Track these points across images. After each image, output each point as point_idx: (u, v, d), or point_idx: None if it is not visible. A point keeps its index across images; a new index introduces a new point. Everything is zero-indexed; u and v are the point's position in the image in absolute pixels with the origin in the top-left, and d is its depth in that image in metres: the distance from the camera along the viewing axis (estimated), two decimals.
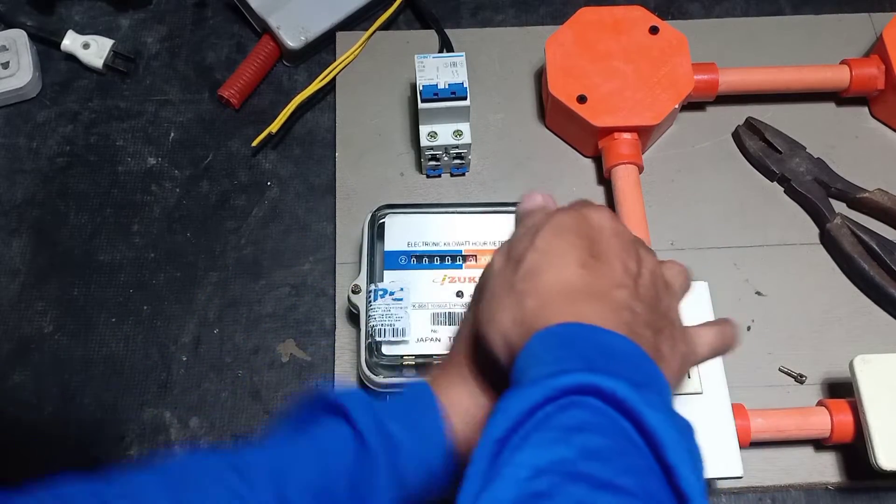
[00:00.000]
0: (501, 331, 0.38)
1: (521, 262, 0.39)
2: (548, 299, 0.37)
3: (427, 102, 0.59)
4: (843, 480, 0.55)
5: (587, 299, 0.37)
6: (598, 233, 0.40)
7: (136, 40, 0.71)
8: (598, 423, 0.32)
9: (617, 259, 0.39)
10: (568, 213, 0.41)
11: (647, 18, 0.65)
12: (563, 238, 0.39)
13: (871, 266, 0.60)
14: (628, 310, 0.37)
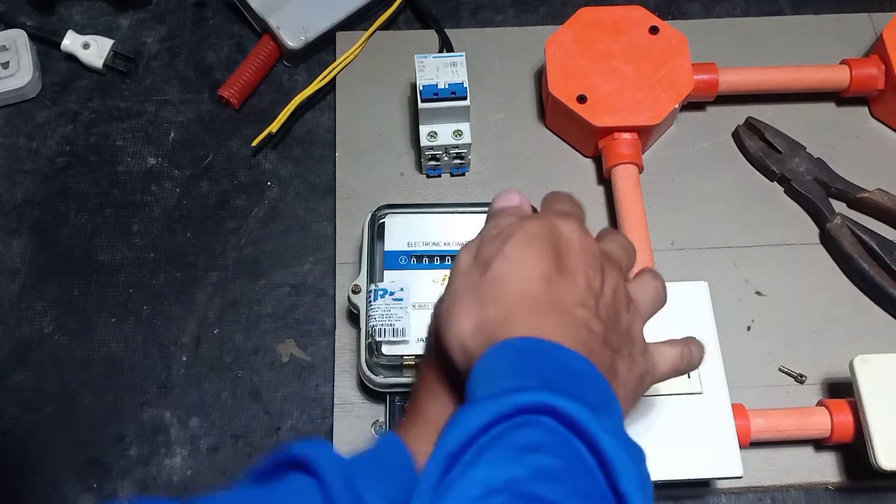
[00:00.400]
0: (459, 335, 0.38)
1: (489, 267, 0.39)
2: (510, 310, 0.37)
3: (427, 102, 0.59)
4: (843, 480, 0.55)
5: (548, 314, 0.37)
6: (567, 245, 0.40)
7: (136, 40, 0.71)
8: (552, 444, 0.31)
9: (581, 275, 0.39)
10: (540, 223, 0.41)
11: (647, 18, 0.65)
12: (533, 248, 0.39)
13: (871, 266, 0.60)
14: (587, 328, 0.37)
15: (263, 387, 0.59)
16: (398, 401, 0.54)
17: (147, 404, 0.58)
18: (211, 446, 0.57)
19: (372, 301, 0.55)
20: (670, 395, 0.51)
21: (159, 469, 0.56)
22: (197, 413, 0.58)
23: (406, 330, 0.54)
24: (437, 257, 0.57)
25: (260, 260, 0.63)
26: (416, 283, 0.56)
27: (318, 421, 0.58)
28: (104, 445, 0.57)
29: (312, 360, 0.60)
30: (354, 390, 0.58)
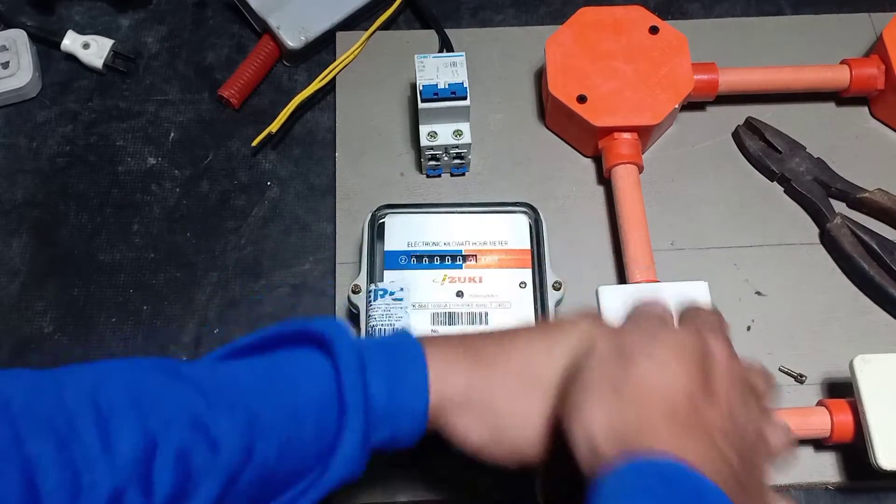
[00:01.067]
0: (589, 430, 0.35)
1: (634, 365, 0.36)
2: (651, 417, 0.35)
3: (427, 102, 0.59)
4: (843, 480, 0.55)
5: (690, 434, 0.35)
6: (716, 366, 0.38)
7: (136, 40, 0.71)
8: None
9: (726, 401, 0.37)
10: (693, 336, 0.38)
11: (647, 18, 0.65)
12: (683, 359, 0.37)
13: (871, 266, 0.60)
14: (726, 461, 0.35)
15: None
16: None
17: None
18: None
19: (372, 301, 0.55)
20: None
21: None
22: None
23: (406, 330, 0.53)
24: (436, 257, 0.57)
25: (260, 260, 0.63)
26: (416, 283, 0.56)
27: None
28: None
29: None
30: None
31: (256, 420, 0.35)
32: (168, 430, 0.33)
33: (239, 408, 0.35)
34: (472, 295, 0.56)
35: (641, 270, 0.58)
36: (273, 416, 0.36)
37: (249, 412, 0.35)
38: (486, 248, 0.57)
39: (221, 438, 0.34)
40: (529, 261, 0.57)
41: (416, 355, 0.40)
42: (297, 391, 0.37)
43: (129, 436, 0.32)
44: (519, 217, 0.58)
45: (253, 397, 0.36)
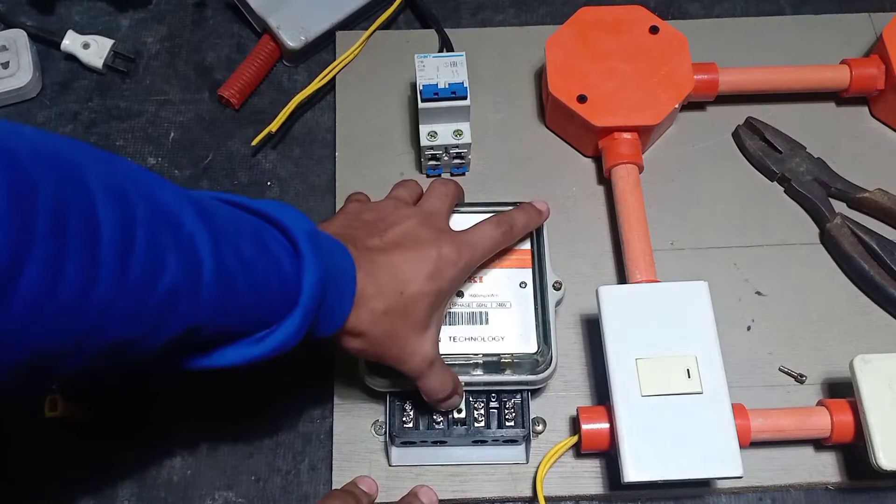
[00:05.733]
0: None
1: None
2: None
3: (427, 102, 0.59)
4: (843, 480, 0.55)
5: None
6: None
7: (136, 40, 0.71)
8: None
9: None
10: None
11: (647, 18, 0.65)
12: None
13: (871, 266, 0.60)
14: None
15: (263, 387, 0.59)
16: (398, 401, 0.54)
17: (147, 404, 0.58)
18: (211, 446, 0.57)
19: None
20: (670, 395, 0.51)
21: (159, 469, 0.56)
22: (197, 413, 0.58)
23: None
24: None
25: None
26: None
27: (318, 421, 0.58)
28: (104, 445, 0.57)
29: (312, 360, 0.60)
30: (354, 390, 0.58)
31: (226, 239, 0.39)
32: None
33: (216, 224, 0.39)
34: (472, 295, 0.56)
35: (641, 270, 0.58)
36: (243, 250, 0.39)
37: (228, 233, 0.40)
38: None
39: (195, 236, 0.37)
40: (529, 261, 0.57)
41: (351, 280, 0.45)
42: (267, 247, 0.41)
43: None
44: None
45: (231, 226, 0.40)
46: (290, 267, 0.41)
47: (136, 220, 0.33)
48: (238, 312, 0.39)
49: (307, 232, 0.42)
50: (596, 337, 0.56)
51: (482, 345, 0.54)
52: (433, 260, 0.48)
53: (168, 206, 0.36)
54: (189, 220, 0.36)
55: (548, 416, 0.57)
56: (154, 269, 0.34)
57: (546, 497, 0.53)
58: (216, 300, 0.37)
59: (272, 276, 0.40)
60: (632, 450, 0.50)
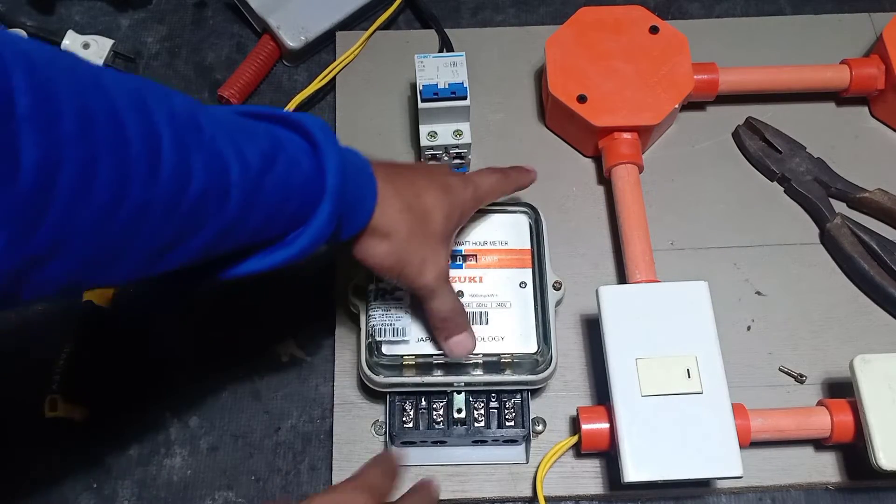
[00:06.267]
0: None
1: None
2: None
3: (427, 102, 0.59)
4: (843, 480, 0.55)
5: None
6: None
7: (136, 40, 0.71)
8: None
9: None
10: None
11: (647, 18, 0.65)
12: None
13: (871, 266, 0.60)
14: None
15: (263, 387, 0.59)
16: (398, 401, 0.54)
17: (147, 404, 0.58)
18: (211, 446, 0.57)
19: (372, 301, 0.55)
20: (670, 395, 0.51)
21: (159, 469, 0.56)
22: (197, 413, 0.58)
23: (406, 330, 0.54)
24: None
25: None
26: None
27: (318, 421, 0.58)
28: (104, 445, 0.57)
29: (312, 360, 0.60)
30: (354, 390, 0.58)
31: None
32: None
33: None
34: (472, 295, 0.56)
35: (641, 270, 0.58)
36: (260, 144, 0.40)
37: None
38: (486, 247, 0.57)
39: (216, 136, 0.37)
40: (529, 261, 0.57)
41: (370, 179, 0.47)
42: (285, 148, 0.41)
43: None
44: (519, 217, 0.58)
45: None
46: (311, 160, 0.42)
47: (158, 122, 0.33)
48: (268, 211, 0.40)
49: (321, 125, 0.43)
50: (596, 337, 0.56)
51: (482, 345, 0.54)
52: (443, 180, 0.51)
53: (186, 111, 0.36)
54: (206, 123, 0.37)
55: (548, 416, 0.57)
56: (183, 169, 0.34)
57: (546, 497, 0.53)
58: (245, 200, 0.37)
59: (295, 170, 0.40)
60: (632, 450, 0.50)
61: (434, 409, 0.54)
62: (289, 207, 0.41)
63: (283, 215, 0.41)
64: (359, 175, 0.45)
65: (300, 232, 0.42)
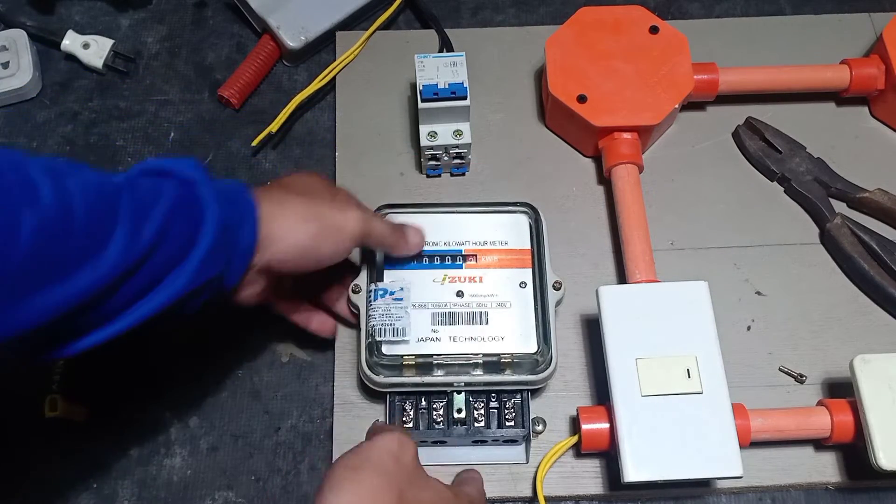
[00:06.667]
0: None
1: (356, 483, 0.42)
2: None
3: (427, 102, 0.59)
4: (843, 480, 0.55)
5: None
6: None
7: (136, 40, 0.71)
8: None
9: None
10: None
11: (647, 18, 0.65)
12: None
13: (871, 266, 0.60)
14: None
15: (263, 387, 0.59)
16: (398, 401, 0.54)
17: (147, 404, 0.58)
18: (211, 446, 0.57)
19: (372, 301, 0.55)
20: (670, 395, 0.51)
21: (159, 469, 0.56)
22: (197, 413, 0.58)
23: (406, 330, 0.54)
24: (437, 257, 0.57)
25: None
26: (417, 282, 0.56)
27: (318, 421, 0.58)
28: (104, 445, 0.57)
29: (312, 360, 0.60)
30: (354, 390, 0.58)
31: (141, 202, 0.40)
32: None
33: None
34: (472, 295, 0.56)
35: (641, 270, 0.58)
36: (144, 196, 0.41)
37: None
38: (486, 247, 0.57)
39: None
40: (529, 261, 0.57)
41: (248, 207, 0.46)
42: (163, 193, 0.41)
43: None
44: (519, 217, 0.58)
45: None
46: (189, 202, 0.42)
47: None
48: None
49: (193, 166, 0.44)
50: (596, 337, 0.56)
51: (482, 345, 0.54)
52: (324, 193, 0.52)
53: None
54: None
55: (548, 416, 0.57)
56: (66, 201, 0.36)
57: (546, 497, 0.53)
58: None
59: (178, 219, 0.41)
60: (632, 450, 0.50)
61: (434, 409, 0.54)
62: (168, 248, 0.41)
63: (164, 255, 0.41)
64: (235, 197, 0.45)
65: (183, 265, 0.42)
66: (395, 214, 0.58)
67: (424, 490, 0.44)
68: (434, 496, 0.45)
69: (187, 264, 0.41)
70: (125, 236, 0.38)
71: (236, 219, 0.44)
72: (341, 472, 0.42)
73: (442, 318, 0.55)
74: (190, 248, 0.41)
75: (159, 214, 0.40)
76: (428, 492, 0.44)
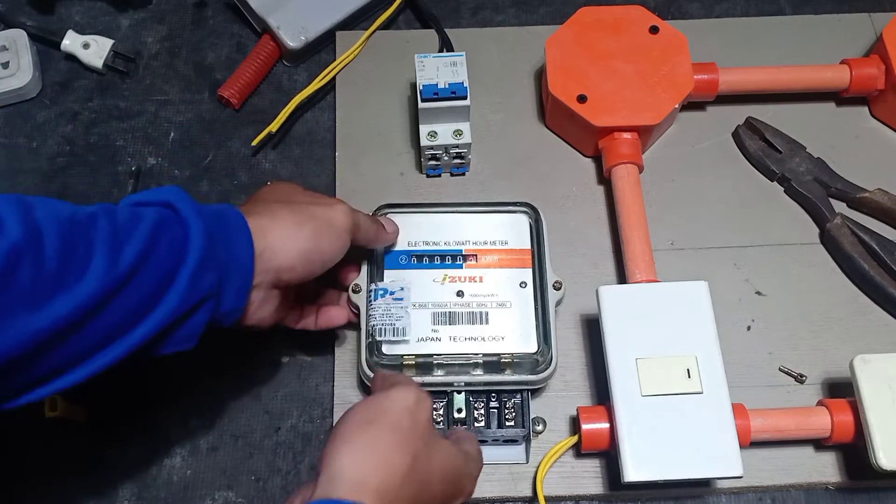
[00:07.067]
0: (338, 467, 0.40)
1: (373, 436, 0.41)
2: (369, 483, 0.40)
3: (427, 102, 0.59)
4: (843, 480, 0.55)
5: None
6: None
7: (136, 40, 0.71)
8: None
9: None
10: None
11: (647, 18, 0.65)
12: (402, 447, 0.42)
13: (871, 266, 0.60)
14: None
15: (263, 387, 0.59)
16: None
17: (147, 404, 0.58)
18: (211, 446, 0.57)
19: (372, 301, 0.55)
20: (670, 395, 0.51)
21: (159, 469, 0.56)
22: (197, 413, 0.58)
23: (406, 329, 0.54)
24: (437, 257, 0.57)
25: None
26: (417, 282, 0.56)
27: (318, 421, 0.58)
28: (104, 445, 0.57)
29: (312, 360, 0.60)
30: (354, 390, 0.58)
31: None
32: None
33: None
34: (473, 294, 0.56)
35: (641, 270, 0.58)
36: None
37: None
38: (486, 247, 0.57)
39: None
40: (529, 261, 0.57)
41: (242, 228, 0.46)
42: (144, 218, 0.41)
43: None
44: (519, 217, 0.58)
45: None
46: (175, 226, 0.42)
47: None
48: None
49: (176, 192, 0.44)
50: (596, 337, 0.56)
51: (482, 345, 0.54)
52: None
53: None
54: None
55: (548, 416, 0.57)
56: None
57: (546, 497, 0.53)
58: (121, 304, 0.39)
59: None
60: (632, 450, 0.50)
61: (434, 408, 0.54)
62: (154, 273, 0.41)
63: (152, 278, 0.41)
64: (221, 215, 0.45)
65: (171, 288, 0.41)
66: (395, 214, 0.58)
67: (437, 452, 0.43)
68: (445, 460, 0.43)
69: (178, 282, 0.41)
70: (104, 259, 0.38)
71: (226, 236, 0.44)
72: (355, 425, 0.41)
73: (442, 317, 0.55)
74: (178, 265, 0.41)
75: (141, 235, 0.40)
76: (440, 454, 0.43)
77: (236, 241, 0.44)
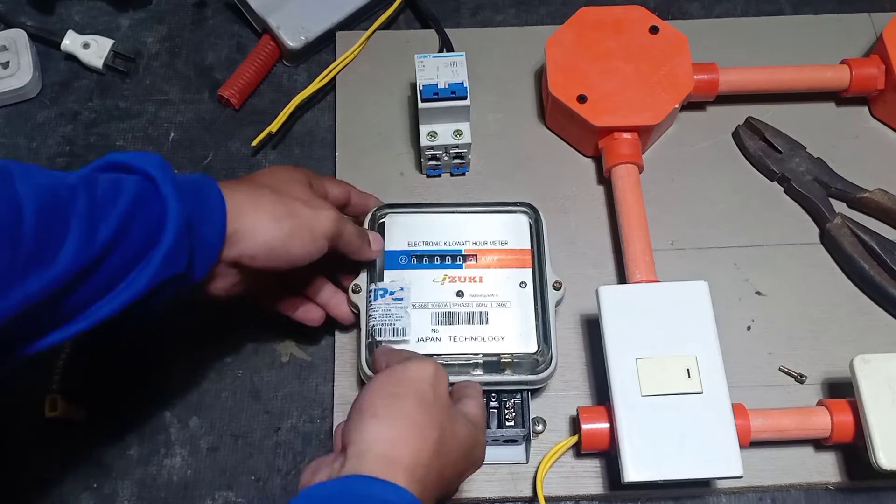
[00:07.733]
0: (367, 441, 0.40)
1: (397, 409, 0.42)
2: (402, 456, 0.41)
3: (427, 102, 0.59)
4: (843, 480, 0.55)
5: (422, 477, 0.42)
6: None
7: (136, 40, 0.71)
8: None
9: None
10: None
11: (647, 18, 0.65)
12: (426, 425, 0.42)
13: (871, 266, 0.60)
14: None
15: (263, 387, 0.59)
16: None
17: (147, 404, 0.58)
18: (211, 446, 0.57)
19: (372, 301, 0.55)
20: (670, 395, 0.51)
21: (159, 469, 0.56)
22: (197, 413, 0.58)
23: (406, 329, 0.54)
24: (437, 257, 0.57)
25: None
26: (417, 282, 0.56)
27: (318, 421, 0.58)
28: (104, 445, 0.57)
29: (312, 360, 0.60)
30: (354, 390, 0.58)
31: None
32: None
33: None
34: (472, 294, 0.56)
35: (641, 270, 0.58)
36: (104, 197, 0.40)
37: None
38: (486, 247, 0.57)
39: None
40: (529, 261, 0.57)
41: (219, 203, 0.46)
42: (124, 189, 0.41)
43: None
44: (519, 217, 0.58)
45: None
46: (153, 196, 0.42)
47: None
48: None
49: (159, 162, 0.43)
50: (596, 337, 0.56)
51: (482, 345, 0.54)
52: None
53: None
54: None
55: (548, 416, 0.57)
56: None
57: (546, 497, 0.53)
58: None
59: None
60: (632, 450, 0.50)
61: None
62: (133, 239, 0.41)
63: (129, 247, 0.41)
64: (200, 191, 0.45)
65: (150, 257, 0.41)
66: (395, 214, 0.58)
67: (460, 427, 0.43)
68: (467, 433, 0.43)
69: (149, 263, 0.41)
70: (79, 238, 0.38)
71: (201, 214, 0.44)
72: (381, 399, 0.41)
73: (442, 317, 0.55)
74: (151, 248, 0.41)
75: (118, 214, 0.40)
76: (463, 428, 0.43)
77: (211, 221, 0.44)
